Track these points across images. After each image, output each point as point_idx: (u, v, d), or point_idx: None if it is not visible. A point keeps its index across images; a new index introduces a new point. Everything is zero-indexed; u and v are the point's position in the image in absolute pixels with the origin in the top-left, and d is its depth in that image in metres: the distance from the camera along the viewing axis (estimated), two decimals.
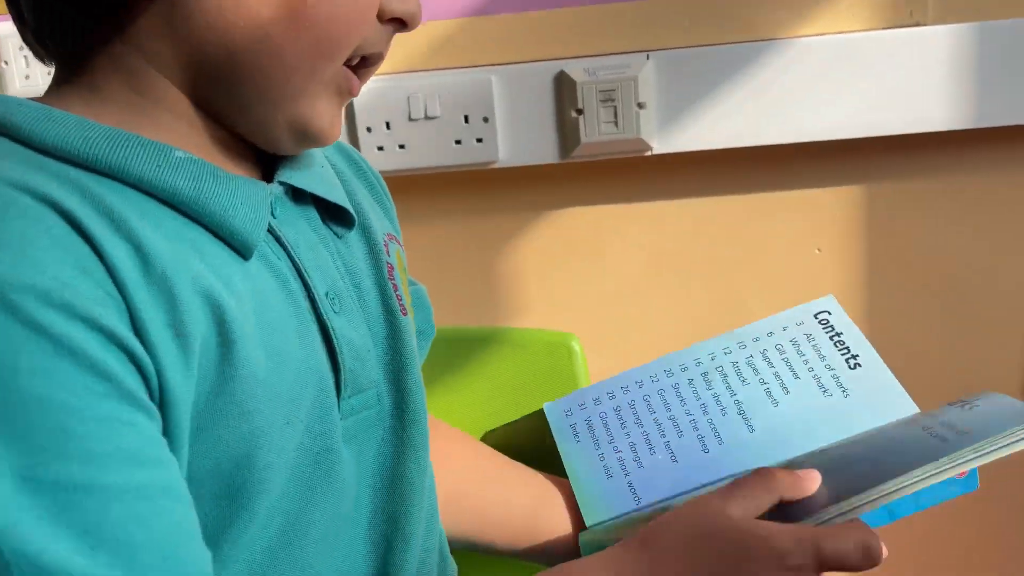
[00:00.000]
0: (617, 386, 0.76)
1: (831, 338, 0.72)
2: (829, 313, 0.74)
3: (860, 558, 0.49)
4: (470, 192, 1.12)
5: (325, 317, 0.54)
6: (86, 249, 0.42)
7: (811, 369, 0.71)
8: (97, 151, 0.46)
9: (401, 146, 1.05)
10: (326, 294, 0.55)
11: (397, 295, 0.61)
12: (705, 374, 0.75)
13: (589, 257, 1.14)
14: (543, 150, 1.06)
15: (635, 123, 1.04)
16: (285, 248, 0.54)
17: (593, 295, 1.16)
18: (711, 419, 0.71)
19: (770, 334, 0.74)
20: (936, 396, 1.14)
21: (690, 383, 0.75)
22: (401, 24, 0.53)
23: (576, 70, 1.04)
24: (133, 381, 0.42)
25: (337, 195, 0.59)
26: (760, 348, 0.74)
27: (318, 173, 0.58)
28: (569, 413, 0.77)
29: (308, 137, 0.54)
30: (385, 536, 0.59)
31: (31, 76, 1.06)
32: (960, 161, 1.07)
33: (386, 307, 0.60)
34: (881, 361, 0.70)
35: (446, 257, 1.14)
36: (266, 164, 0.57)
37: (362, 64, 0.54)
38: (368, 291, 0.59)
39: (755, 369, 0.73)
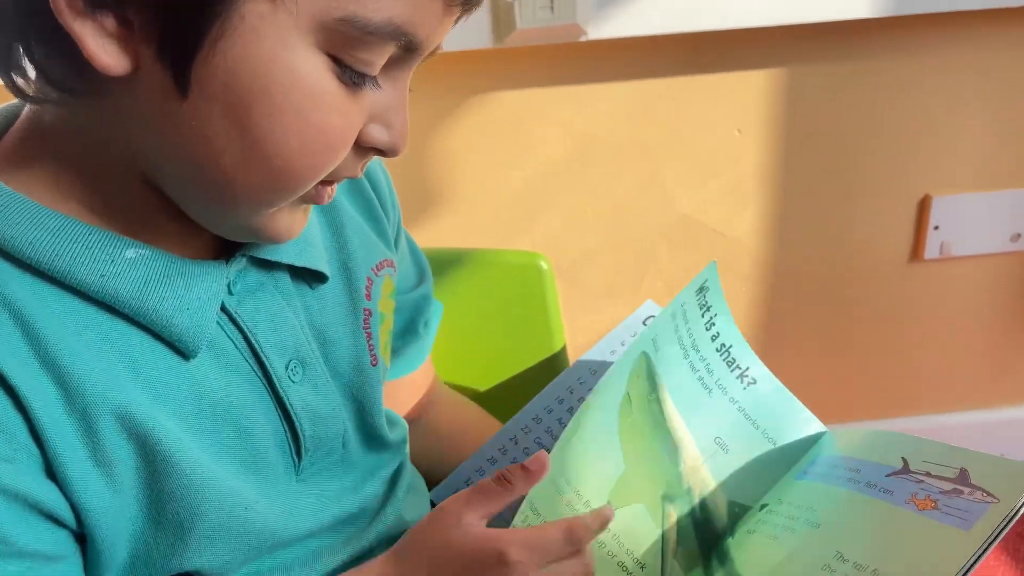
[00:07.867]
0: (495, 448, 0.70)
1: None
2: (654, 316, 0.71)
3: (564, 541, 0.50)
4: None
5: (282, 392, 0.53)
6: (5, 401, 0.42)
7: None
8: (41, 256, 0.44)
9: None
10: (286, 366, 0.53)
11: (370, 344, 0.59)
12: (571, 409, 0.70)
13: (515, 139, 1.14)
14: (476, 35, 1.04)
15: (571, 8, 1.02)
16: (241, 329, 0.51)
17: (517, 177, 1.17)
18: None
19: (612, 352, 0.70)
20: (842, 255, 1.22)
21: (560, 423, 0.70)
22: (381, 152, 0.49)
23: None
24: (31, 535, 0.44)
25: (308, 257, 0.55)
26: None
27: None
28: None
29: (261, 240, 0.49)
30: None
31: None
32: (874, 47, 1.12)
33: (356, 358, 0.59)
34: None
35: None
36: None
37: (329, 181, 0.49)
38: (338, 342, 0.58)
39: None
